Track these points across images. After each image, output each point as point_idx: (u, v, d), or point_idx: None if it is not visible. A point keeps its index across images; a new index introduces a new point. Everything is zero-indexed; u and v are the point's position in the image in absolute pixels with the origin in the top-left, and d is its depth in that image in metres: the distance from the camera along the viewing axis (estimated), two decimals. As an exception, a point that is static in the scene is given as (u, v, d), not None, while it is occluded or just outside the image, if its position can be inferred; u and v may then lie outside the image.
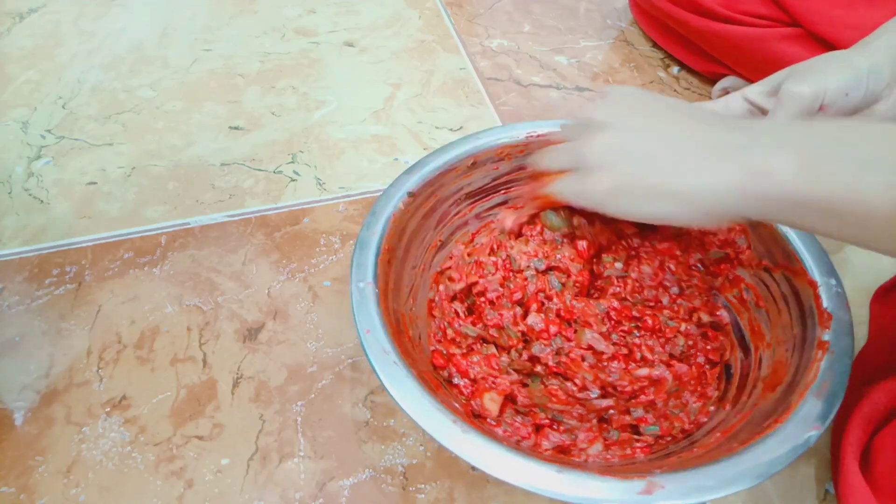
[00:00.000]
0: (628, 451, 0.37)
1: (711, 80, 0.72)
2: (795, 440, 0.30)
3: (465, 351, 0.40)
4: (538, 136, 0.46)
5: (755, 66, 0.64)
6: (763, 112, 0.43)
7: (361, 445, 0.42)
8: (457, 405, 0.37)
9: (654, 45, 0.78)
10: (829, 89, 0.38)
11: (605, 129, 0.35)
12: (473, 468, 0.30)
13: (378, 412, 0.43)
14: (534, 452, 0.31)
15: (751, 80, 0.67)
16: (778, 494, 0.40)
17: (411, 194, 0.42)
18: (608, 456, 0.37)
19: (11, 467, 0.40)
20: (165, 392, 0.44)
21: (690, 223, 0.36)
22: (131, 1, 0.83)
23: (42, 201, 0.57)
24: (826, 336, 0.35)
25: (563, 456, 0.37)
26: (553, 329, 0.38)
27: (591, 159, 0.35)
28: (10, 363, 0.45)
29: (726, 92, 0.69)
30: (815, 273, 0.38)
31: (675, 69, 0.75)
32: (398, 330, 0.37)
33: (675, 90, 0.72)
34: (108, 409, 0.43)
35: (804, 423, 0.31)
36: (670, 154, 0.33)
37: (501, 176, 0.47)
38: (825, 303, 0.36)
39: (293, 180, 0.60)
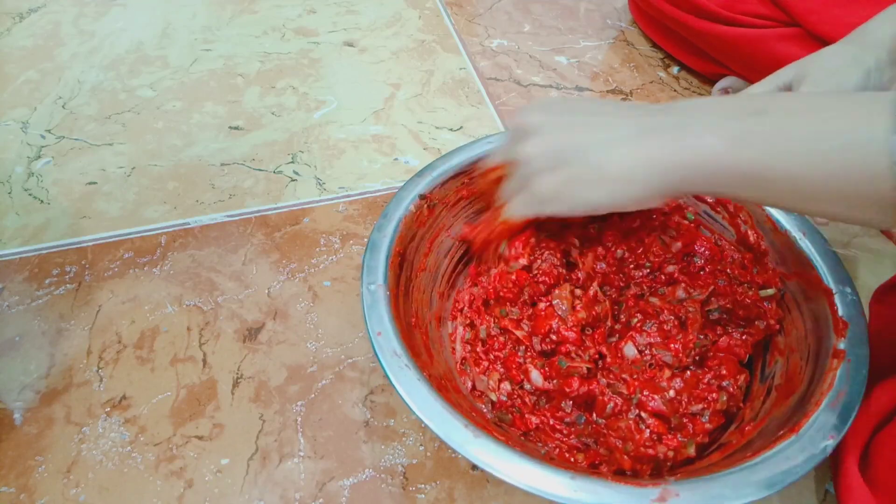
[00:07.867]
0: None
1: (711, 80, 0.72)
2: (812, 449, 0.30)
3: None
4: None
5: (755, 67, 0.64)
6: None
7: (361, 445, 0.42)
8: (474, 415, 0.36)
9: (654, 45, 0.78)
10: None
11: (535, 135, 0.36)
12: (474, 468, 0.30)
13: (378, 412, 0.43)
14: (546, 458, 0.31)
15: (750, 81, 0.67)
16: (778, 494, 0.40)
17: (423, 197, 0.42)
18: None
19: (11, 467, 0.40)
20: (165, 392, 0.44)
21: (637, 204, 0.35)
22: (131, 1, 0.83)
23: (42, 201, 0.57)
24: (842, 345, 0.35)
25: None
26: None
27: (530, 167, 0.36)
28: (10, 363, 0.45)
29: (726, 91, 0.69)
30: (829, 281, 0.38)
31: (675, 69, 0.75)
32: (409, 333, 0.37)
33: (675, 90, 0.73)
34: (108, 409, 0.43)
35: (820, 433, 0.31)
36: (603, 141, 0.34)
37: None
38: (841, 311, 0.36)
39: (293, 180, 0.60)
